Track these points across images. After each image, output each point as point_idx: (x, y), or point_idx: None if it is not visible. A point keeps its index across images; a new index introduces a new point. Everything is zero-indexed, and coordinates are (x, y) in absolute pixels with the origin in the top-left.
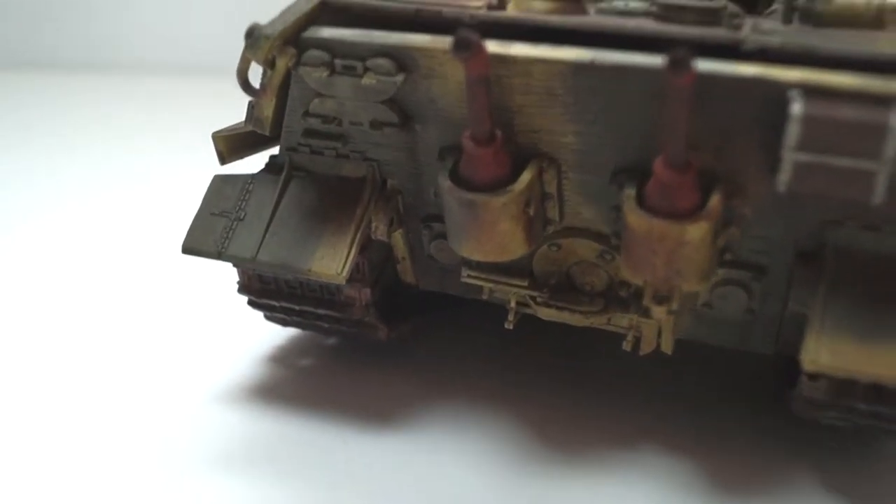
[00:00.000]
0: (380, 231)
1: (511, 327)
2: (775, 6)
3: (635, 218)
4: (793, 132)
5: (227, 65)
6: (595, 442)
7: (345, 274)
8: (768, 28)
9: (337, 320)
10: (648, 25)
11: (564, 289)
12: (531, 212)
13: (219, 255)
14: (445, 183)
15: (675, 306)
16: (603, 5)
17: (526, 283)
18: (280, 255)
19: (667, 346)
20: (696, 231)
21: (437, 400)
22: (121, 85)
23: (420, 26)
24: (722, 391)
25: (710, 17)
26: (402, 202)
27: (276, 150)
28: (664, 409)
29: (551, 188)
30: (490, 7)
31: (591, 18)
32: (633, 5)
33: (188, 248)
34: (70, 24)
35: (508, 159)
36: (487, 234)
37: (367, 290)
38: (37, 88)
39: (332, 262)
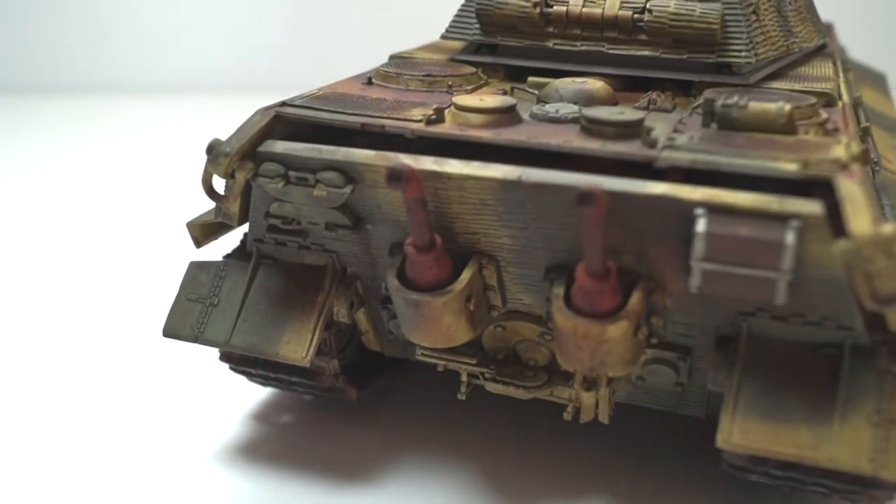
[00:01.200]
0: (341, 314)
1: (463, 398)
2: (701, 100)
3: (561, 317)
4: (699, 246)
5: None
6: (560, 493)
7: (309, 357)
8: (681, 143)
9: (309, 386)
10: (572, 141)
11: (511, 363)
12: (472, 306)
13: (196, 339)
14: (392, 282)
15: (603, 391)
16: (535, 110)
17: (474, 361)
18: (251, 340)
19: (604, 417)
20: (616, 330)
21: (409, 452)
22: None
23: (366, 138)
24: (665, 443)
25: (628, 130)
26: (362, 285)
27: (247, 227)
28: (635, 453)
29: (492, 281)
30: (429, 121)
31: (521, 133)
32: (564, 111)
33: (168, 333)
34: (62, 47)
35: (449, 262)
36: (432, 326)
37: (335, 361)
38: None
39: (297, 346)
